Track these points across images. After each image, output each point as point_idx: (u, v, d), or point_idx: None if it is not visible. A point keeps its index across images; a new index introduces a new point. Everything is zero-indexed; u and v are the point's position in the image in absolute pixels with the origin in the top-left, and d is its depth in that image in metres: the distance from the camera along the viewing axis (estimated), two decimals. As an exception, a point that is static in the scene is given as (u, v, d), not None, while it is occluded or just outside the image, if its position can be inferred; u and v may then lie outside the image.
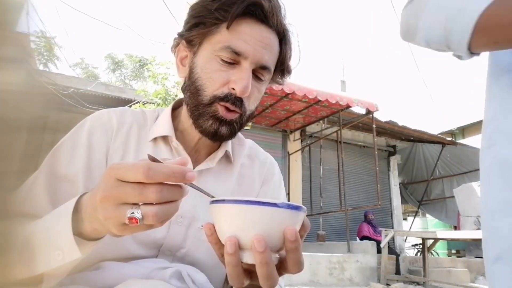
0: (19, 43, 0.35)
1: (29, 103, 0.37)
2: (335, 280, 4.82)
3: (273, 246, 0.40)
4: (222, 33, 0.64)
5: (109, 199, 0.40)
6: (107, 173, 0.41)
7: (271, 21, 0.65)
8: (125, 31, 56.60)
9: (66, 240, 0.46)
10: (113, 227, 0.41)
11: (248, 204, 0.39)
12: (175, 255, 0.68)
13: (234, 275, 0.42)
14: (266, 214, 0.39)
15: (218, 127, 0.65)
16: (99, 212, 0.41)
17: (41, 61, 13.71)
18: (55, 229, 0.47)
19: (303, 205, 0.42)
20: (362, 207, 6.69)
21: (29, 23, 0.35)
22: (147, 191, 0.38)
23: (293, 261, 0.42)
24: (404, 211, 12.28)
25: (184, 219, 0.68)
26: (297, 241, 0.41)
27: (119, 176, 0.39)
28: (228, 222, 0.41)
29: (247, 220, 0.39)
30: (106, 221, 0.41)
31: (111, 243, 0.63)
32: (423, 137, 7.82)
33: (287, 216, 0.40)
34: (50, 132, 0.53)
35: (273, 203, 0.39)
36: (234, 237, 0.40)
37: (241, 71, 0.63)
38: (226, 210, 0.41)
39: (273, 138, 7.00)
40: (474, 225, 6.58)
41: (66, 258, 0.47)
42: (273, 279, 0.41)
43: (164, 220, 0.41)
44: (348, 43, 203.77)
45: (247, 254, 0.41)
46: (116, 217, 0.40)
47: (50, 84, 5.29)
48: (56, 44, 13.10)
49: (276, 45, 0.68)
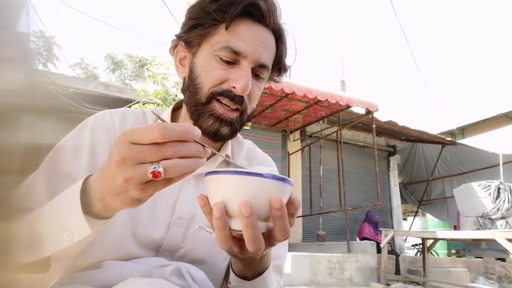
0: (19, 43, 0.35)
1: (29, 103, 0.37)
2: (335, 280, 4.82)
3: (260, 214, 0.43)
4: (221, 34, 0.65)
5: (126, 161, 0.40)
6: (119, 139, 0.41)
7: (268, 20, 0.67)
8: (125, 31, 56.62)
9: (75, 219, 0.46)
10: (134, 189, 0.41)
11: (236, 174, 0.42)
12: (174, 255, 0.69)
13: (221, 238, 0.45)
14: (252, 183, 0.42)
15: (219, 127, 0.66)
16: (118, 177, 0.40)
17: (40, 61, 13.70)
18: (62, 210, 0.48)
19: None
20: (362, 207, 6.69)
21: (29, 23, 0.35)
22: (163, 148, 0.40)
23: (279, 228, 0.44)
24: (404, 211, 12.28)
25: (183, 220, 0.69)
26: (282, 209, 0.43)
27: (133, 139, 0.40)
28: (217, 191, 0.44)
29: (234, 189, 0.42)
30: (127, 184, 0.40)
31: (112, 243, 0.63)
32: (423, 137, 7.82)
33: (272, 186, 0.42)
34: (50, 132, 0.53)
35: (259, 173, 0.42)
36: (221, 203, 0.43)
37: (241, 70, 0.64)
38: (217, 180, 0.43)
39: (273, 138, 7.00)
40: (474, 225, 6.58)
41: (76, 237, 0.47)
42: (258, 243, 0.43)
43: (184, 174, 0.41)
44: (348, 43, 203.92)
45: (235, 221, 0.44)
46: (137, 175, 0.40)
47: (50, 84, 5.29)
48: (55, 44, 13.09)
49: (273, 44, 0.69)
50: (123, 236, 0.64)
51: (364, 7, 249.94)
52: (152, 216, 0.67)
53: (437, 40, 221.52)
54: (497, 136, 8.43)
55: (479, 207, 6.63)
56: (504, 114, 10.65)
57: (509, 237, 3.92)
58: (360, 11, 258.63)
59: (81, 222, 0.46)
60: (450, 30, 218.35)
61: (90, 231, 0.47)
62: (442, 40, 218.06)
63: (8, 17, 0.32)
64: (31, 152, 0.49)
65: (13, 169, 0.32)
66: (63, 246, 0.48)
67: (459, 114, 12.14)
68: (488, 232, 4.36)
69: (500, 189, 6.56)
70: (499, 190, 6.56)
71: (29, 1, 0.36)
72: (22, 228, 0.49)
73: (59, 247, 0.48)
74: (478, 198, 6.72)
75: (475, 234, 4.89)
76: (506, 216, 6.34)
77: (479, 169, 8.47)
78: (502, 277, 5.71)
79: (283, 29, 0.71)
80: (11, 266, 0.37)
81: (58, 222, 0.48)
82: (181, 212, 0.69)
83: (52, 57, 14.54)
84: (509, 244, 3.88)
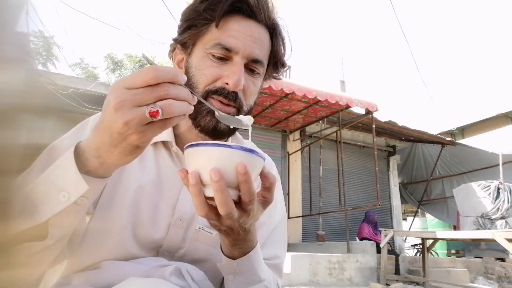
0: (18, 43, 0.35)
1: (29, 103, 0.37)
2: (335, 280, 4.82)
3: (230, 182, 0.47)
4: (212, 32, 0.65)
5: (124, 104, 0.42)
6: (113, 87, 0.43)
7: (258, 15, 0.67)
8: (125, 31, 56.59)
9: (70, 177, 0.47)
10: (134, 132, 0.43)
11: (208, 146, 0.46)
12: (174, 255, 0.69)
13: (197, 204, 0.48)
14: (222, 153, 0.46)
15: (217, 123, 0.66)
16: (118, 121, 0.42)
17: (39, 61, 13.70)
18: (56, 174, 0.48)
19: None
20: (362, 207, 6.69)
21: (29, 23, 0.35)
22: (158, 89, 0.43)
23: (244, 191, 0.47)
24: (404, 211, 12.29)
25: (183, 221, 0.69)
26: (246, 174, 0.45)
27: (127, 85, 0.43)
28: (193, 162, 0.48)
29: (206, 159, 0.46)
30: (127, 127, 0.42)
31: (112, 244, 0.63)
32: (422, 137, 7.82)
33: (240, 156, 0.46)
34: (50, 132, 0.53)
35: (228, 145, 0.46)
36: (196, 171, 0.47)
37: (233, 66, 0.64)
38: (192, 152, 0.48)
39: (273, 138, 7.00)
40: (473, 225, 6.59)
41: (72, 196, 0.48)
42: (228, 206, 0.46)
43: (179, 115, 0.45)
44: (348, 43, 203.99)
45: (209, 189, 0.47)
46: (136, 117, 0.42)
47: (50, 84, 5.29)
48: (55, 44, 13.08)
49: (266, 38, 0.69)
50: (124, 236, 0.64)
51: (364, 7, 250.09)
52: (152, 216, 0.67)
53: (437, 40, 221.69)
54: (496, 136, 8.44)
55: (479, 207, 6.63)
56: (504, 114, 10.66)
57: (509, 237, 3.93)
58: (360, 11, 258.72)
59: (77, 178, 0.47)
60: (450, 30, 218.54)
61: (87, 186, 0.47)
62: (442, 40, 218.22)
63: (7, 17, 0.32)
64: (31, 152, 0.49)
65: (13, 169, 0.32)
66: (61, 207, 0.48)
67: (459, 114, 12.14)
68: (488, 232, 4.37)
69: (500, 189, 6.56)
70: (498, 190, 6.56)
71: (29, 1, 0.36)
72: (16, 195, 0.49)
73: (56, 209, 0.48)
74: (478, 198, 6.73)
75: (474, 234, 4.89)
76: (506, 216, 6.35)
77: (478, 169, 8.47)
78: (501, 277, 5.71)
79: (277, 24, 0.71)
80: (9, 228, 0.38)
81: (53, 185, 0.48)
82: (181, 213, 0.69)
83: (51, 57, 14.53)
84: (509, 244, 3.89)
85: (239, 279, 0.62)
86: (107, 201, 0.64)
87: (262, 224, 0.77)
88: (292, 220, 6.76)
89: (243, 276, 0.62)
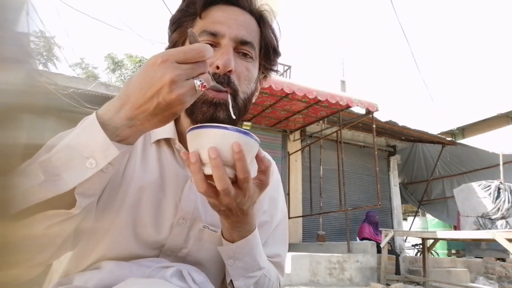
0: (19, 43, 0.35)
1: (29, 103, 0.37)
2: (335, 280, 4.82)
3: (226, 161, 0.50)
4: (197, 23, 0.67)
5: (180, 78, 0.47)
6: (161, 62, 0.46)
7: (241, 2, 0.68)
8: (125, 31, 56.61)
9: (99, 143, 0.48)
10: (184, 103, 0.48)
11: (206, 128, 0.50)
12: (177, 255, 0.68)
13: (197, 180, 0.51)
14: (219, 133, 0.50)
15: (215, 111, 0.63)
16: (171, 95, 0.46)
17: (40, 61, 13.71)
18: (80, 141, 0.48)
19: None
20: (362, 207, 6.68)
21: (29, 23, 0.35)
22: (204, 65, 0.49)
23: (239, 168, 0.50)
24: (404, 211, 12.28)
25: (186, 220, 0.68)
26: (240, 152, 0.49)
27: (180, 60, 0.47)
28: (193, 143, 0.52)
29: (205, 139, 0.50)
30: (179, 99, 0.47)
31: (113, 243, 0.63)
32: (423, 137, 7.82)
33: (235, 136, 0.50)
34: (50, 132, 0.53)
35: (224, 126, 0.50)
36: (196, 151, 0.51)
37: (221, 48, 0.65)
38: (193, 134, 0.52)
39: (273, 138, 7.00)
40: (474, 225, 6.58)
41: (101, 163, 0.48)
42: (224, 182, 0.50)
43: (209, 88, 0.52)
44: (348, 43, 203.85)
45: (207, 168, 0.51)
46: (189, 90, 0.48)
47: (50, 84, 5.29)
48: (55, 44, 13.10)
49: (253, 24, 0.70)
50: (126, 236, 0.63)
51: (364, 7, 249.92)
52: (155, 216, 0.66)
53: (437, 40, 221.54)
54: (497, 136, 8.42)
55: (479, 207, 6.63)
56: (504, 114, 10.66)
57: (509, 237, 3.93)
58: (360, 11, 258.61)
59: (106, 144, 0.48)
60: (450, 30, 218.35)
61: (117, 151, 0.48)
62: (442, 40, 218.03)
63: (8, 17, 0.32)
64: (31, 152, 0.49)
65: (13, 169, 0.32)
66: (88, 175, 0.48)
67: (459, 114, 12.14)
68: (488, 232, 4.36)
69: (500, 189, 6.56)
70: (499, 190, 6.56)
71: (29, 1, 0.36)
72: (33, 168, 0.48)
73: (84, 176, 0.48)
74: (478, 198, 6.73)
75: (475, 234, 4.89)
76: (506, 216, 6.34)
77: (479, 169, 8.47)
78: (502, 277, 5.71)
79: (263, 11, 0.71)
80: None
81: (77, 153, 0.48)
82: (184, 213, 0.68)
83: (52, 57, 14.54)
84: (509, 244, 3.89)
85: (238, 264, 0.64)
86: (109, 200, 0.63)
87: (263, 223, 0.76)
88: (293, 220, 6.76)
89: (243, 261, 0.64)
